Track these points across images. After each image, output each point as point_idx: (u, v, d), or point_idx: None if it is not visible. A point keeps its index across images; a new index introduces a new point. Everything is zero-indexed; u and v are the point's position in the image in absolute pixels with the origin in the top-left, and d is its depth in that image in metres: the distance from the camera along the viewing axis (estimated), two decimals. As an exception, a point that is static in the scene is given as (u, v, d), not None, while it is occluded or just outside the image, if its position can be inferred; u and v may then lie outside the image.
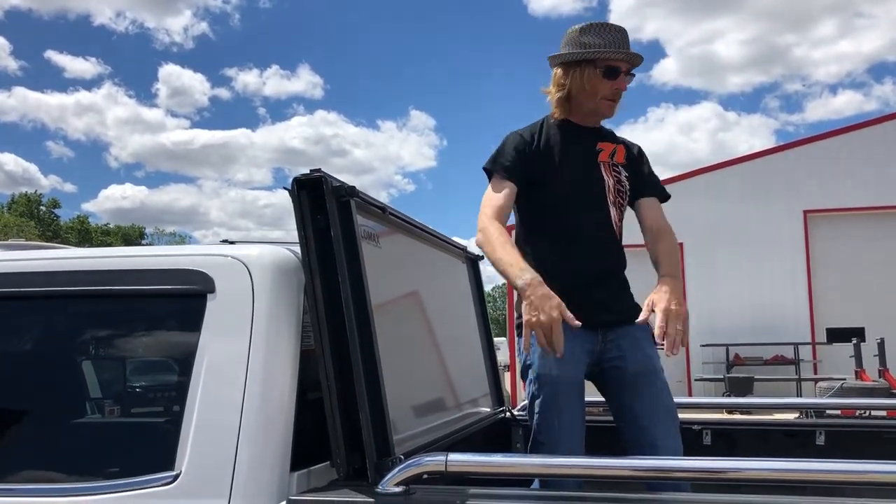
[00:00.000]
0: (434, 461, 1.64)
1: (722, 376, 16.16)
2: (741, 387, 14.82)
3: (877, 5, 71.36)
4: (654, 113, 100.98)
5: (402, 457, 1.74)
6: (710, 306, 18.57)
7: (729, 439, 3.19)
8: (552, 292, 2.15)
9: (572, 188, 2.56)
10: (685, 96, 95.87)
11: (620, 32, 2.57)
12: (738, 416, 8.10)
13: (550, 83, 2.64)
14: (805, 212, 18.56)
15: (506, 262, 2.28)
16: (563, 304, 2.13)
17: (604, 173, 2.62)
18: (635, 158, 2.76)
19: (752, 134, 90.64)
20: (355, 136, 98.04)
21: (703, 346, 18.28)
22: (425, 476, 1.66)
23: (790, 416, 6.48)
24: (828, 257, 18.59)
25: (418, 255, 2.53)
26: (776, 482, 1.70)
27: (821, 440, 3.06)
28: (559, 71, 2.60)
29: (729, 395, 14.38)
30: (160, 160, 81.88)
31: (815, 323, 18.25)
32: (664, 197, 2.87)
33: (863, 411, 7.24)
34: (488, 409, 3.07)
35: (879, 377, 11.65)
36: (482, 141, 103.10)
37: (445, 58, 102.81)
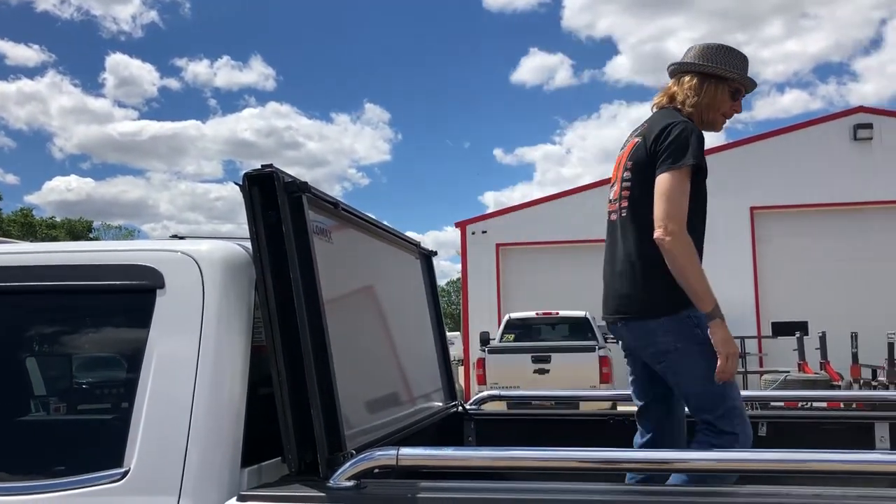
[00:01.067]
0: (385, 455, 1.66)
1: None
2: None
3: (821, 6, 73.30)
4: (606, 109, 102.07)
5: (353, 451, 1.75)
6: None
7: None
8: None
9: (706, 195, 2.73)
10: (638, 93, 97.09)
11: (747, 60, 2.79)
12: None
13: (677, 86, 2.76)
14: (752, 208, 19.00)
15: (704, 288, 2.50)
16: None
17: None
18: None
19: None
20: (308, 128, 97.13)
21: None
22: (377, 470, 1.68)
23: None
24: (773, 253, 19.07)
25: (371, 250, 2.54)
26: (719, 472, 1.76)
27: (762, 431, 3.15)
28: (696, 80, 2.72)
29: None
30: (107, 151, 79.96)
31: (761, 317, 18.71)
32: None
33: (805, 402, 7.46)
34: (440, 404, 3.09)
35: (821, 369, 12.01)
36: (437, 135, 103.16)
37: (400, 51, 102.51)
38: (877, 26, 76.05)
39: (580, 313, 13.62)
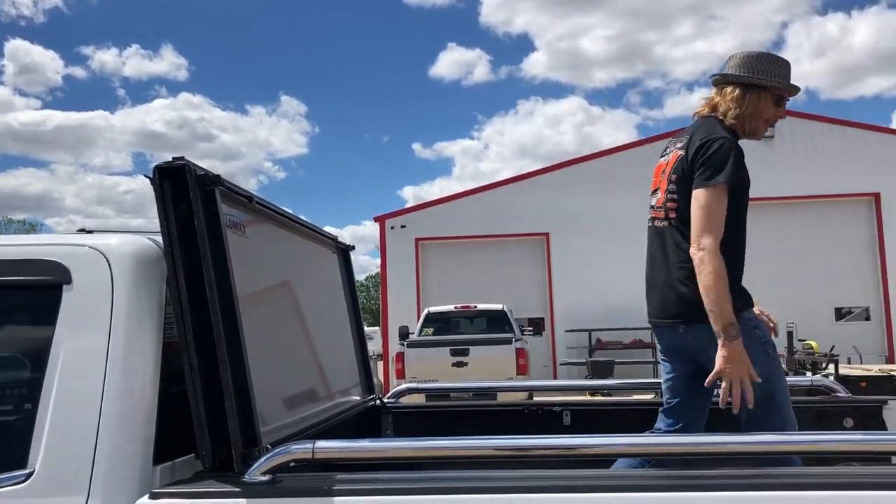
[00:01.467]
0: (301, 449, 1.66)
1: (585, 360, 16.85)
2: (602, 370, 15.49)
3: (728, 8, 76.07)
4: (523, 105, 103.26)
5: (269, 446, 1.74)
6: (574, 294, 19.36)
7: (587, 419, 3.37)
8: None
9: (748, 203, 2.80)
10: (553, 90, 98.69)
11: (789, 65, 2.82)
12: (598, 398, 8.51)
13: (720, 97, 2.81)
14: (662, 203, 19.67)
15: (725, 306, 2.53)
16: None
17: None
18: None
19: (615, 128, 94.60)
20: (222, 120, 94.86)
21: (568, 331, 19.06)
22: (293, 464, 1.68)
23: (647, 397, 6.85)
24: (682, 246, 19.78)
25: (287, 244, 2.52)
26: (628, 456, 1.83)
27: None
28: (738, 91, 2.77)
29: (591, 379, 14.99)
30: (7, 142, 76.06)
31: (671, 308, 19.38)
32: None
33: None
34: (358, 398, 3.10)
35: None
36: (355, 129, 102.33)
37: (318, 42, 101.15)
38: (778, 29, 79.53)
39: (497, 306, 13.82)
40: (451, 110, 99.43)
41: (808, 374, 10.01)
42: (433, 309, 14.16)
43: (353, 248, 3.27)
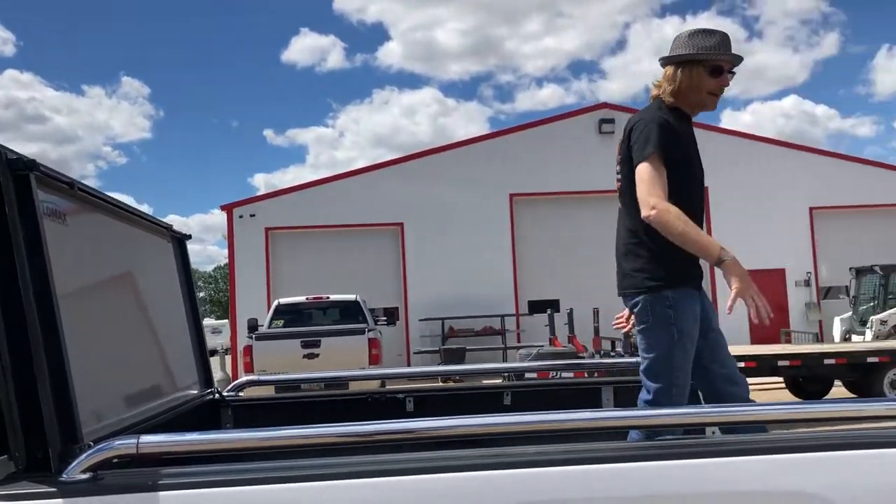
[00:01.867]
0: (124, 444, 1.61)
1: (438, 348, 17.13)
2: (455, 357, 15.81)
3: (575, 6, 79.18)
4: (378, 95, 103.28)
5: (91, 443, 1.67)
6: (427, 283, 19.62)
7: (430, 404, 3.45)
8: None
9: (697, 171, 3.00)
10: (409, 80, 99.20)
11: (724, 36, 2.96)
12: (450, 384, 8.69)
13: (663, 78, 2.99)
14: (511, 195, 20.26)
15: (706, 240, 2.71)
16: None
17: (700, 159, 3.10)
18: None
19: (469, 120, 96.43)
20: (55, 100, 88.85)
21: (422, 320, 19.30)
22: (116, 460, 1.62)
23: (498, 381, 7.07)
24: (530, 236, 20.50)
25: (115, 234, 2.41)
26: (464, 437, 1.88)
27: (507, 400, 3.42)
28: (671, 70, 2.96)
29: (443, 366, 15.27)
30: None
31: (519, 296, 20.08)
32: None
33: (555, 373, 8.14)
34: (196, 392, 3.02)
35: (568, 343, 13.12)
36: (202, 113, 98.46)
37: (162, 21, 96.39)
38: (622, 30, 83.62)
39: (350, 297, 13.78)
40: (305, 97, 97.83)
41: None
42: (283, 300, 13.92)
43: (189, 237, 3.17)
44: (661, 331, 2.84)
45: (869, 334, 14.45)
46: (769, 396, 11.15)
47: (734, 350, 10.67)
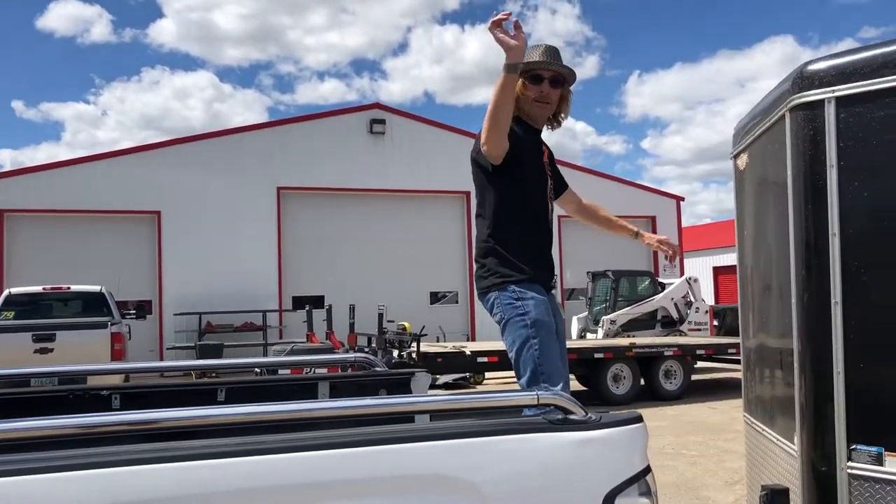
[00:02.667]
0: None
1: (193, 344, 16.49)
2: (211, 353, 15.31)
3: (359, 4, 79.44)
4: (148, 74, 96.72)
5: None
6: (185, 275, 18.77)
7: (139, 400, 3.32)
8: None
9: (534, 176, 3.23)
10: (182, 61, 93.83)
11: (551, 49, 3.24)
12: (198, 380, 8.38)
13: None
14: (279, 188, 19.93)
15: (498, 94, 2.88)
16: None
17: (546, 171, 3.34)
18: (553, 159, 3.49)
19: (246, 108, 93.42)
20: None
21: (177, 314, 18.43)
22: None
23: (249, 377, 6.93)
24: (298, 231, 20.30)
25: None
26: (174, 429, 1.82)
27: (221, 396, 3.39)
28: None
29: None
30: None
31: (284, 291, 19.82)
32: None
33: (309, 368, 8.15)
34: None
35: (326, 339, 13.19)
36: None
37: None
38: (404, 32, 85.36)
39: (95, 288, 12.85)
40: (63, 69, 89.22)
41: (395, 352, 10.97)
42: (15, 290, 12.68)
43: None
44: (513, 324, 3.02)
45: (601, 332, 15.95)
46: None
47: (478, 346, 11.29)
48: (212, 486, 1.53)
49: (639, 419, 1.94)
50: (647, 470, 1.94)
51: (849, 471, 3.06)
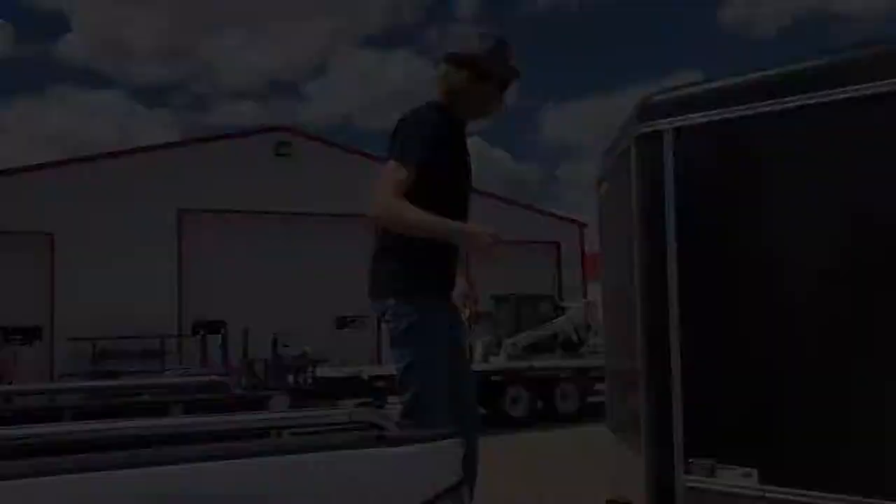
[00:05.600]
0: None
1: (87, 371, 15.86)
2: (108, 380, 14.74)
3: (278, 23, 78.16)
4: (53, 90, 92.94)
5: None
6: (81, 301, 18.07)
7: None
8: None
9: (456, 182, 2.94)
10: (92, 78, 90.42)
11: (512, 49, 2.98)
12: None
13: None
14: (179, 210, 19.47)
15: (438, 227, 2.68)
16: None
17: (469, 167, 3.04)
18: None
19: (160, 126, 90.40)
20: None
21: (70, 339, 17.70)
22: None
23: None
24: (199, 254, 19.83)
25: None
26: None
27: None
28: None
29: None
30: None
31: (184, 316, 19.28)
32: None
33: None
34: None
35: (222, 364, 12.91)
36: None
37: None
38: (324, 55, 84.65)
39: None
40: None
41: (291, 377, 10.84)
42: None
43: None
44: (407, 339, 2.75)
45: (503, 355, 16.12)
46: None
47: (378, 370, 11.24)
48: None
49: (452, 434, 1.99)
50: (461, 483, 1.99)
51: (687, 483, 3.20)
